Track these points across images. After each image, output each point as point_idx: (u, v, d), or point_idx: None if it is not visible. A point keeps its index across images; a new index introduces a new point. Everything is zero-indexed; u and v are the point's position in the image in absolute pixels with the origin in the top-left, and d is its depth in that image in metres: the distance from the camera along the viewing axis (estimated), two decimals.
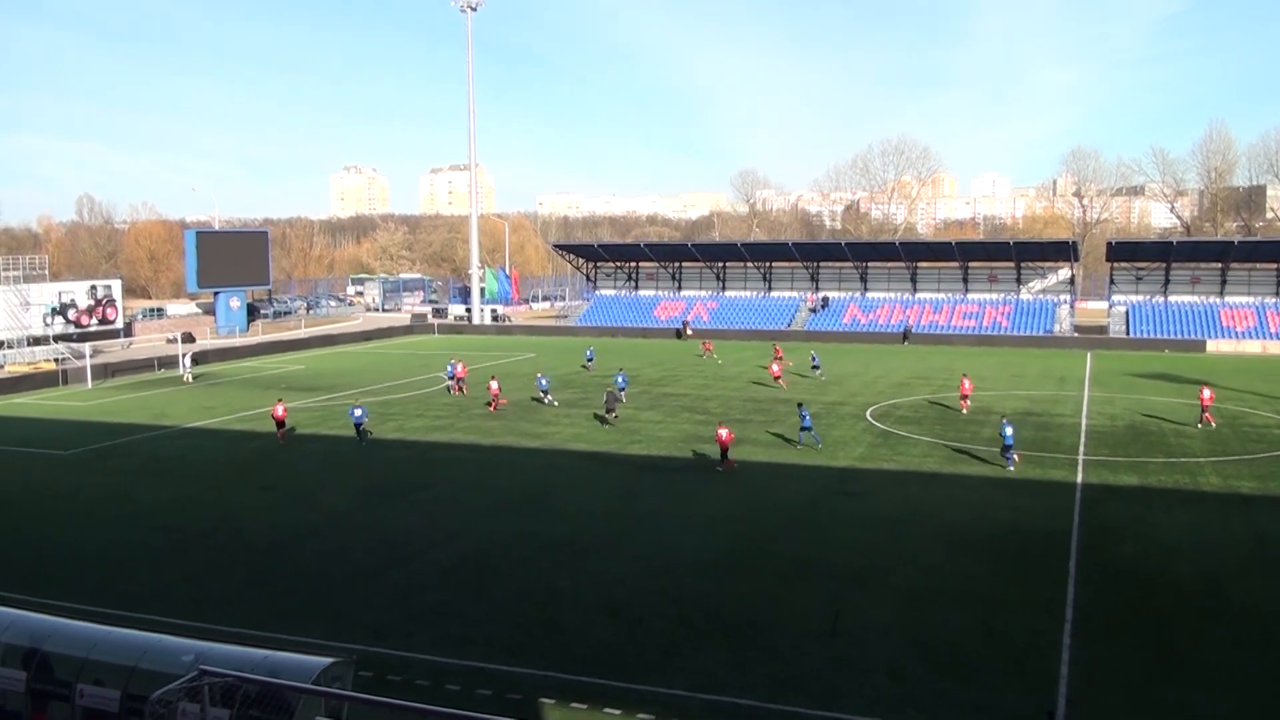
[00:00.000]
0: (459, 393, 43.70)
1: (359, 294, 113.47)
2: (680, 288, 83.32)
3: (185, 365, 51.67)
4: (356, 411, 34.50)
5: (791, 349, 56.93)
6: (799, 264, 79.79)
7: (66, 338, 62.54)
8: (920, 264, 77.40)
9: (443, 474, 29.02)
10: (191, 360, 53.09)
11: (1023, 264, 73.74)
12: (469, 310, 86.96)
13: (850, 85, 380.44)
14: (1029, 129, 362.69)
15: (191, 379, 50.68)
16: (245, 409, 40.66)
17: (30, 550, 22.09)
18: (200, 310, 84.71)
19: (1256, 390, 44.23)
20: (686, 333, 72.65)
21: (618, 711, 14.17)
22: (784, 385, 45.78)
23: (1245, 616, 17.59)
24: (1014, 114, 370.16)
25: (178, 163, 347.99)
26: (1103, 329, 69.60)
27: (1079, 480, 27.35)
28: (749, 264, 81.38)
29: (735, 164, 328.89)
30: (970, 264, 75.51)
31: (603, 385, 44.26)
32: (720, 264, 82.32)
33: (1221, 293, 69.50)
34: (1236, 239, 72.93)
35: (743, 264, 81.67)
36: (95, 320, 67.60)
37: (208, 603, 18.41)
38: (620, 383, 43.02)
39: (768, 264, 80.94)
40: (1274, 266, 68.75)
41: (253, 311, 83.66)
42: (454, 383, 44.47)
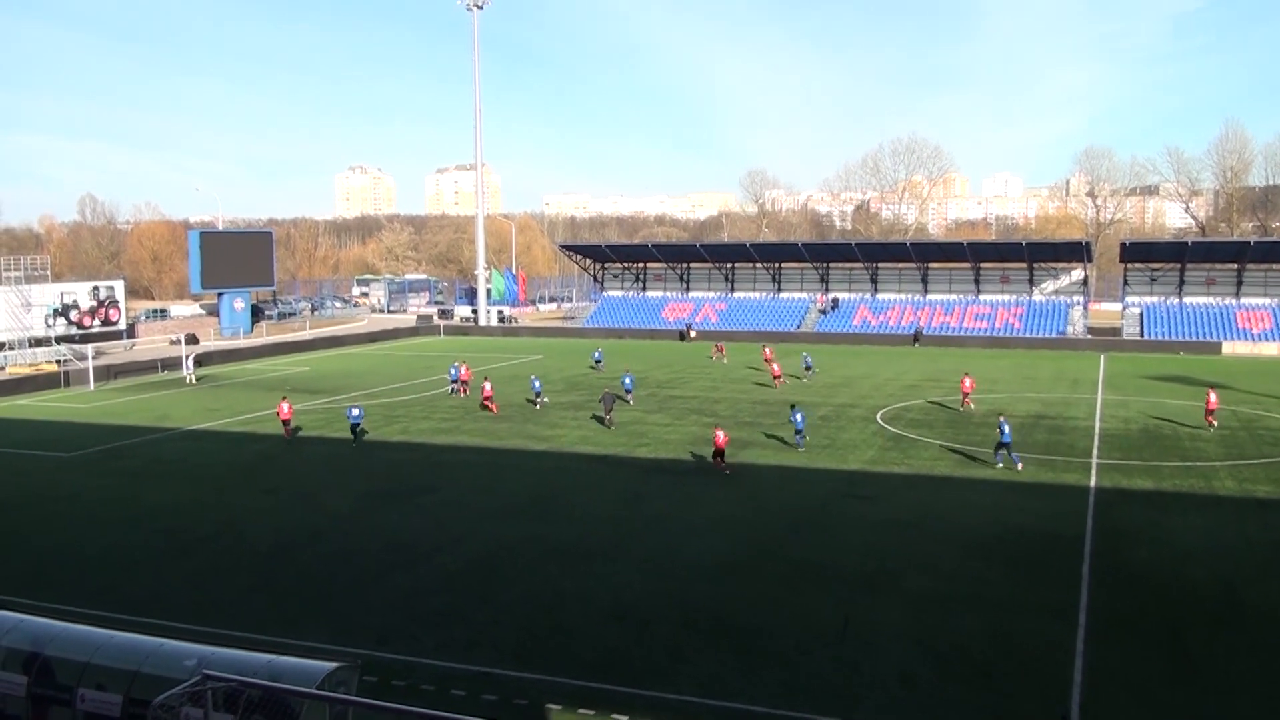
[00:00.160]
0: (464, 394, 43.67)
1: (364, 295, 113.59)
2: (688, 289, 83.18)
3: (188, 366, 51.66)
4: (354, 411, 34.47)
5: (790, 350, 56.55)
6: (808, 265, 79.58)
7: (68, 339, 62.46)
8: (931, 265, 77.09)
9: (448, 476, 28.93)
10: (195, 362, 53.07)
11: (1035, 265, 73.37)
12: (475, 312, 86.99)
13: (860, 84, 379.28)
14: (1042, 128, 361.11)
15: (194, 380, 50.70)
16: (249, 411, 40.67)
17: (31, 553, 22.05)
18: (204, 311, 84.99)
19: (1273, 393, 43.83)
20: (690, 335, 72.48)
21: (625, 717, 14.03)
22: (779, 385, 45.74)
23: (1261, 621, 17.36)
24: (1027, 113, 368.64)
25: (181, 162, 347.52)
26: (1116, 331, 69.26)
27: (1092, 484, 27.12)
28: (758, 265, 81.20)
29: (744, 164, 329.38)
30: (982, 265, 75.17)
31: (613, 387, 44.13)
32: (729, 265, 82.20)
33: (1237, 294, 69.01)
34: (1252, 239, 72.38)
35: (752, 265, 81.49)
36: (98, 321, 67.58)
37: (211, 607, 18.33)
38: (627, 384, 42.94)
39: (777, 265, 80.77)
40: None
41: (257, 313, 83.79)
42: (458, 385, 44.42)
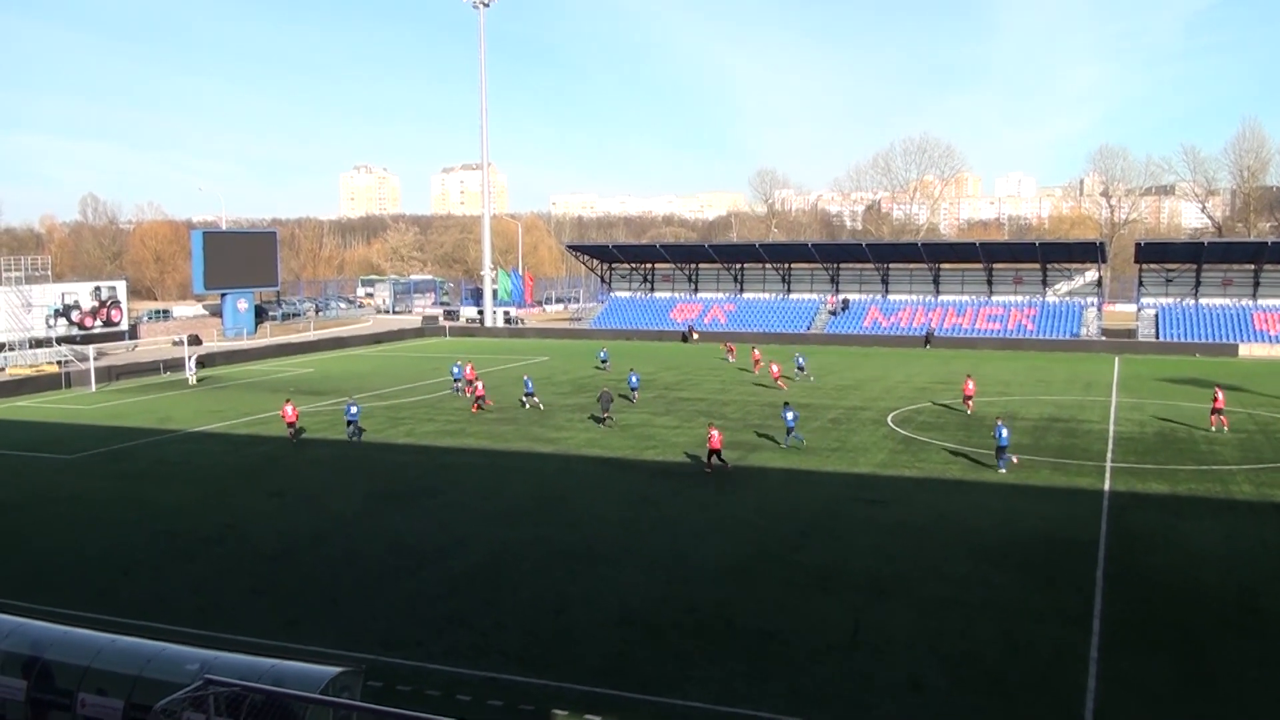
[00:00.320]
0: (468, 394, 43.56)
1: (369, 296, 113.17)
2: (697, 290, 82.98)
3: (190, 367, 51.54)
4: (352, 409, 34.37)
5: (781, 352, 56.22)
6: (818, 265, 79.27)
7: (70, 340, 62.15)
8: (943, 266, 76.64)
9: (453, 479, 28.82)
10: (197, 363, 52.90)
11: (1049, 266, 72.89)
12: (481, 313, 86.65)
13: (871, 82, 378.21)
14: (1055, 127, 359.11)
15: (196, 380, 50.63)
16: (253, 413, 40.64)
17: (31, 556, 22.00)
18: (207, 312, 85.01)
19: None
20: (693, 337, 72.29)
21: None
22: (783, 387, 45.52)
23: (1279, 628, 17.08)
24: (1040, 111, 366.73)
25: (184, 162, 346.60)
26: (1131, 332, 68.73)
27: (1106, 488, 26.84)
28: (767, 265, 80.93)
29: (753, 163, 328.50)
30: (995, 266, 74.73)
31: (619, 387, 44.10)
32: (738, 265, 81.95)
33: (1254, 295, 68.37)
34: (1270, 240, 71.58)
35: (761, 265, 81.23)
36: (99, 322, 67.44)
37: (213, 610, 18.25)
38: (633, 382, 42.83)
39: (786, 265, 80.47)
40: None
41: (261, 313, 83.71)
42: (461, 384, 44.30)
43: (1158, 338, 66.24)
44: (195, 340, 66.86)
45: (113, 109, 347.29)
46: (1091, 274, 72.55)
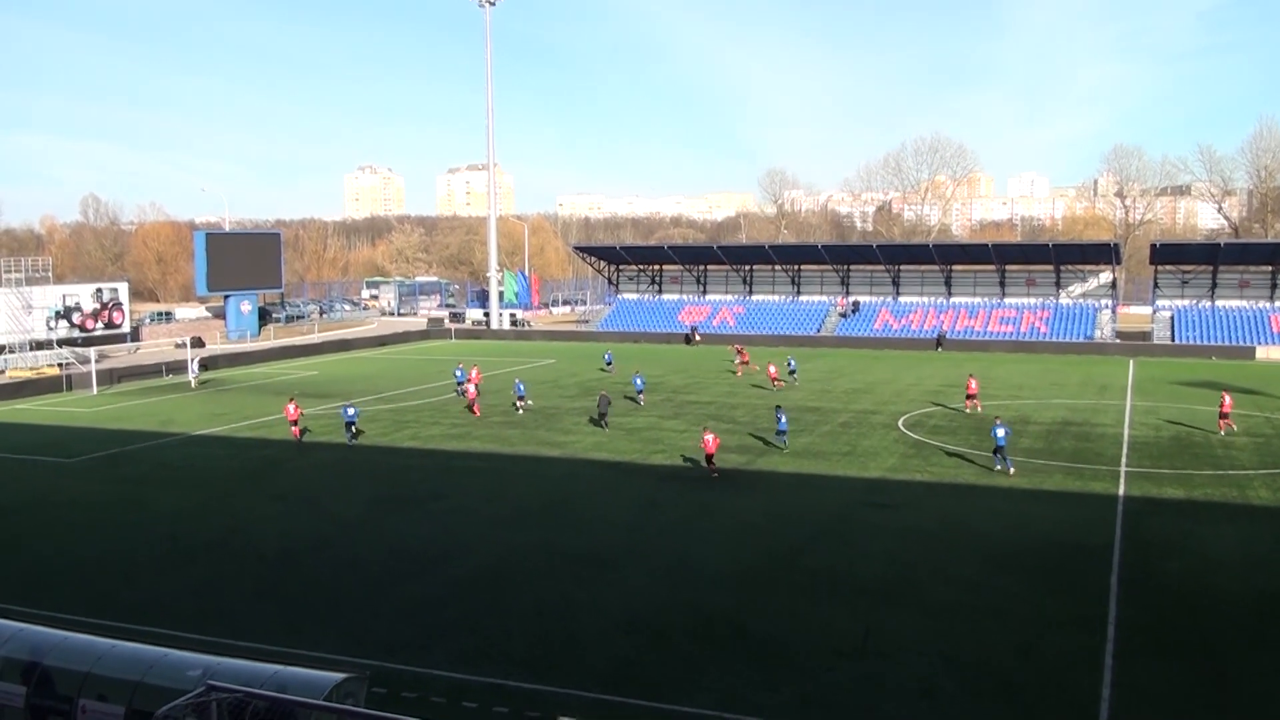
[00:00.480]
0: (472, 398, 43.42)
1: (374, 298, 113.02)
2: (705, 292, 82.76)
3: (193, 370, 51.42)
4: (349, 410, 34.28)
5: (772, 355, 56.14)
6: (828, 267, 78.99)
7: (71, 342, 61.98)
8: (955, 267, 76.25)
9: (459, 483, 28.71)
10: (200, 365, 52.72)
11: (1062, 267, 72.44)
12: (487, 315, 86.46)
13: (882, 81, 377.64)
14: (1069, 126, 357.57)
15: (197, 383, 50.56)
16: (256, 416, 40.57)
17: (31, 560, 21.95)
18: (210, 314, 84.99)
19: None
20: (695, 339, 72.07)
21: None
22: (778, 386, 45.29)
23: None
24: (1053, 111, 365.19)
25: (187, 162, 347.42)
26: (1146, 335, 68.23)
27: (1121, 493, 26.58)
28: (777, 267, 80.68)
29: (763, 163, 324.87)
30: (1007, 267, 74.31)
31: (624, 389, 43.95)
32: (747, 267, 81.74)
33: (1272, 297, 67.79)
34: None
35: (770, 267, 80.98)
36: (101, 324, 67.25)
37: (215, 615, 18.16)
38: (638, 384, 42.69)
39: (796, 267, 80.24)
40: None
41: (264, 315, 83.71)
42: (470, 387, 44.17)
43: (1173, 340, 65.72)
44: (198, 342, 66.69)
45: (114, 109, 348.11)
46: (1106, 275, 72.08)
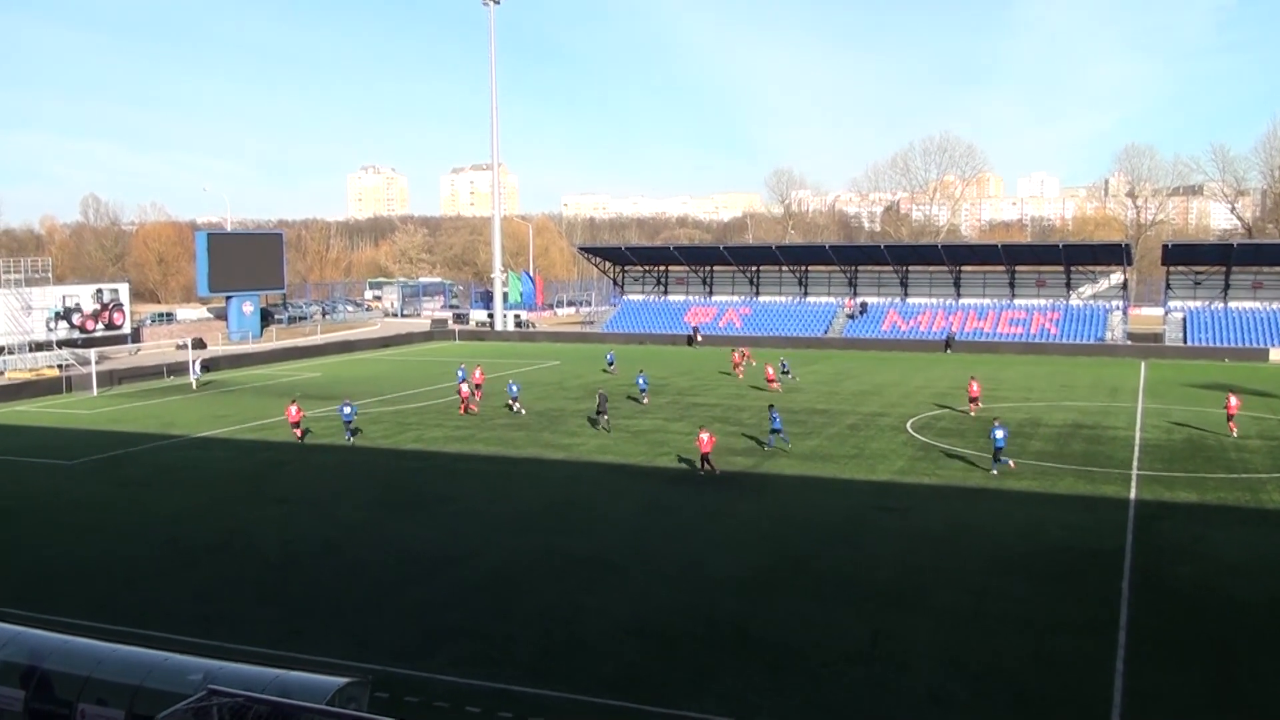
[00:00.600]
0: (478, 398, 43.34)
1: (377, 299, 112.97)
2: (711, 293, 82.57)
3: (194, 371, 51.34)
4: (346, 409, 34.19)
5: (770, 355, 55.77)
6: (836, 268, 78.80)
7: (71, 343, 61.89)
8: (964, 268, 75.93)
9: (463, 486, 28.60)
10: (201, 367, 52.57)
11: (1073, 268, 72.07)
12: (491, 316, 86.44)
13: (891, 80, 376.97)
14: (1080, 126, 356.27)
15: (199, 385, 50.47)
16: (258, 418, 40.48)
17: (31, 563, 21.87)
18: (212, 315, 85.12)
19: None
20: (697, 339, 71.92)
21: None
22: (775, 388, 45.15)
23: None
24: (1064, 110, 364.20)
25: (188, 162, 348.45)
26: (1158, 337, 67.85)
27: (1132, 496, 26.35)
28: (784, 268, 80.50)
29: (770, 163, 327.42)
30: (1017, 268, 74.04)
31: (627, 390, 43.81)
32: (754, 268, 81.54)
33: None
34: None
35: (777, 268, 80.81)
36: (101, 325, 67.18)
37: (217, 619, 18.08)
38: (641, 384, 42.58)
39: (803, 268, 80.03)
40: None
41: (266, 317, 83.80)
42: (475, 389, 44.10)
43: (1185, 342, 65.32)
44: (199, 344, 66.61)
45: (114, 108, 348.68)
46: (1117, 276, 71.72)
